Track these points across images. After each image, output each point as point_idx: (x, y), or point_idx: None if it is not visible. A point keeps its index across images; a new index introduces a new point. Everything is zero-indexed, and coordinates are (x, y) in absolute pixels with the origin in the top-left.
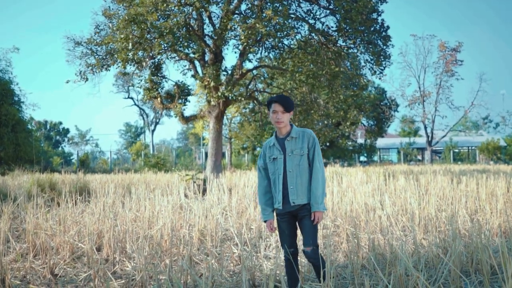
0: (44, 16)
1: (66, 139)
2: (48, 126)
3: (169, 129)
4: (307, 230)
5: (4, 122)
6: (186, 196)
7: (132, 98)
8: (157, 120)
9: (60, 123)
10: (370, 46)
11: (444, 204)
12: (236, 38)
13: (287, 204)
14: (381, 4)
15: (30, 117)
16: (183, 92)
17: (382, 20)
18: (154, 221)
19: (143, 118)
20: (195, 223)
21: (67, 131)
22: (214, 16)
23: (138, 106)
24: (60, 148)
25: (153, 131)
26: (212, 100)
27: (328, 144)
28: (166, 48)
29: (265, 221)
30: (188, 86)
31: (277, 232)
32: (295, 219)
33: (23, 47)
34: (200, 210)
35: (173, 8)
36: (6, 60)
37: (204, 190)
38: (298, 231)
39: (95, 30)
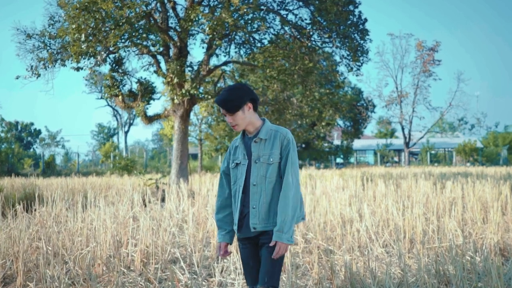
0: None
1: (37, 141)
2: (19, 127)
3: (144, 130)
4: (264, 264)
5: None
6: (144, 204)
7: (105, 99)
8: (131, 121)
9: (32, 124)
10: (347, 40)
11: (428, 213)
12: (201, 30)
13: (246, 229)
14: None
15: (1, 118)
16: (146, 90)
17: (359, 12)
18: (92, 238)
19: (117, 119)
20: (140, 239)
21: (39, 132)
22: (180, 9)
23: (111, 106)
24: (31, 150)
25: (126, 132)
26: (176, 98)
27: (303, 145)
28: (123, 40)
29: (219, 242)
30: (153, 83)
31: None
32: (258, 249)
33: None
34: (147, 222)
35: None
36: None
37: (164, 197)
38: None
39: (49, 22)
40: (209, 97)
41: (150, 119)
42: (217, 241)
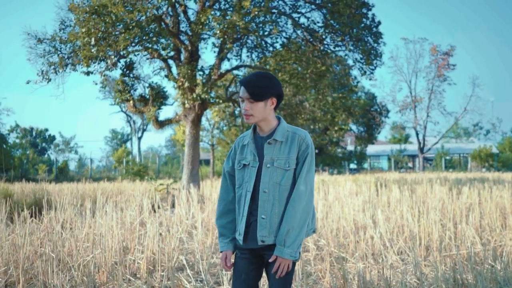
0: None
1: (52, 146)
2: (34, 133)
3: (157, 136)
4: (273, 282)
5: None
6: (153, 209)
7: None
8: (144, 127)
9: (46, 130)
10: (360, 43)
11: (445, 219)
12: (212, 34)
13: (253, 241)
14: None
15: (16, 124)
16: (157, 94)
17: (373, 15)
18: (98, 244)
19: (130, 125)
20: (147, 246)
21: (53, 138)
22: (191, 13)
23: (125, 112)
24: (46, 156)
25: (140, 138)
26: (186, 102)
27: (317, 151)
28: (132, 43)
29: (221, 252)
30: (164, 88)
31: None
32: (260, 261)
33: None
34: (154, 228)
35: None
36: None
37: (174, 203)
38: (264, 279)
39: (60, 26)
40: (221, 101)
41: (161, 124)
42: (219, 250)
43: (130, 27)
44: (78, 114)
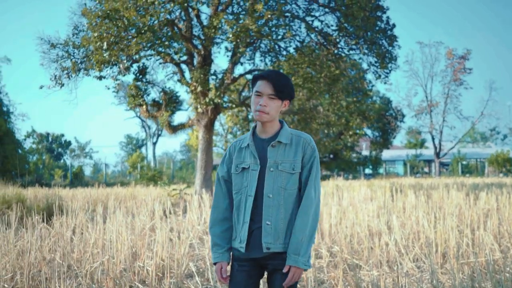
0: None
1: (67, 152)
2: (50, 139)
3: (172, 141)
4: None
5: None
6: (165, 214)
7: (130, 109)
8: (159, 132)
9: (62, 135)
10: (374, 46)
11: (462, 225)
12: (225, 38)
13: (256, 249)
14: None
15: (32, 130)
16: (170, 99)
17: (387, 18)
18: (107, 249)
19: (145, 130)
20: (157, 252)
21: (69, 143)
22: (204, 18)
23: (139, 117)
24: (62, 161)
25: (154, 143)
26: (199, 106)
27: (331, 155)
28: (145, 48)
29: (215, 264)
30: (177, 93)
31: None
32: (259, 273)
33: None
34: (163, 234)
35: (154, 2)
36: None
37: (186, 208)
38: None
39: (73, 31)
40: (234, 106)
41: (174, 129)
42: (212, 261)
43: (142, 31)
44: (94, 120)
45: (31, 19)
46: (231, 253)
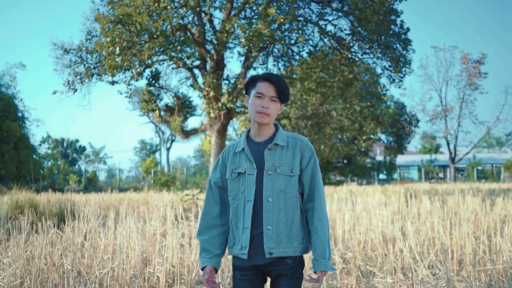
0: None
1: (82, 157)
2: (65, 144)
3: (186, 147)
4: None
5: (6, 138)
6: (176, 220)
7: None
8: (173, 137)
9: (77, 140)
10: (388, 50)
11: (478, 232)
12: (237, 43)
13: (258, 255)
14: (399, 2)
15: (47, 135)
16: (183, 104)
17: (401, 21)
18: (118, 256)
19: (159, 136)
20: (167, 258)
21: (83, 148)
22: (217, 22)
23: (153, 123)
24: (76, 166)
25: (168, 148)
26: (212, 111)
27: (345, 161)
28: (157, 52)
29: (202, 269)
30: (190, 98)
31: None
32: (263, 279)
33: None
34: (174, 240)
35: (167, 7)
36: (10, 75)
37: (198, 213)
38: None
39: (86, 37)
40: (246, 110)
41: (187, 134)
42: (200, 266)
43: (155, 36)
44: (109, 125)
45: (45, 25)
46: (219, 257)
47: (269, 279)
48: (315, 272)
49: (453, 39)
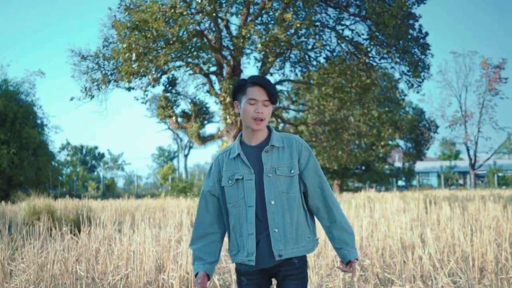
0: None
1: (101, 164)
2: (84, 151)
3: (204, 153)
4: None
5: (25, 145)
6: (192, 225)
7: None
8: (191, 144)
9: (96, 147)
10: (406, 55)
11: (500, 239)
12: (254, 49)
13: (265, 259)
14: (418, 6)
15: (67, 142)
16: (200, 110)
17: (420, 26)
18: (131, 262)
19: (177, 142)
20: (180, 264)
21: (102, 155)
22: (234, 28)
23: (171, 130)
24: (95, 173)
25: (186, 155)
26: (228, 117)
27: (364, 167)
28: (173, 58)
29: (196, 275)
30: (206, 104)
31: None
32: (270, 281)
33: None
34: (186, 245)
35: (183, 13)
36: (30, 83)
37: None
38: None
39: (103, 43)
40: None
41: (203, 140)
42: (193, 273)
43: (171, 42)
44: (127, 132)
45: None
46: (215, 266)
47: (274, 280)
48: (346, 263)
49: (472, 44)
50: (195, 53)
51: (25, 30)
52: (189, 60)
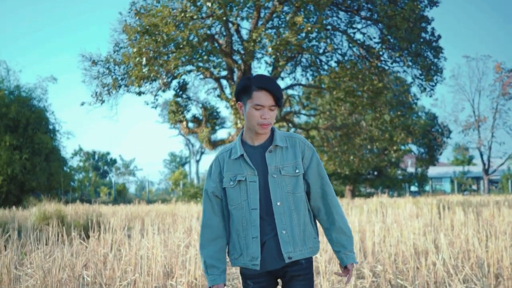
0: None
1: (113, 169)
2: (96, 157)
3: None
4: None
5: (37, 151)
6: None
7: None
8: (203, 150)
9: (108, 153)
10: (419, 58)
11: None
12: (265, 53)
13: (272, 261)
14: (430, 8)
15: (79, 148)
16: (211, 115)
17: (432, 28)
18: (140, 267)
19: (189, 148)
20: (189, 270)
21: (114, 161)
22: (245, 33)
23: (183, 135)
24: (107, 179)
25: (198, 160)
26: (239, 122)
27: (376, 173)
28: (184, 62)
29: (210, 287)
30: (217, 109)
31: None
32: (276, 282)
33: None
34: (196, 252)
35: (193, 17)
36: (42, 88)
37: None
38: None
39: (114, 48)
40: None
41: (214, 145)
42: (208, 285)
43: (181, 46)
44: (139, 137)
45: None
46: (224, 272)
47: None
48: (345, 267)
49: (485, 48)
50: (205, 57)
51: (37, 37)
52: (200, 64)
